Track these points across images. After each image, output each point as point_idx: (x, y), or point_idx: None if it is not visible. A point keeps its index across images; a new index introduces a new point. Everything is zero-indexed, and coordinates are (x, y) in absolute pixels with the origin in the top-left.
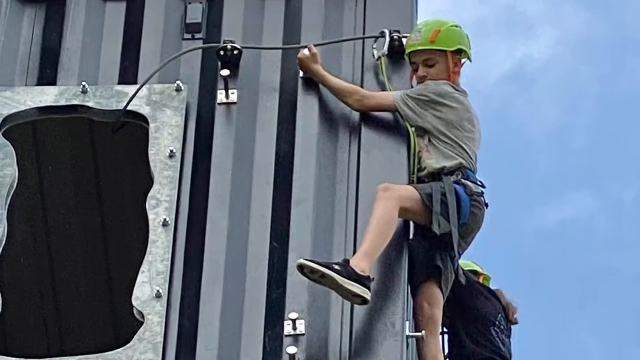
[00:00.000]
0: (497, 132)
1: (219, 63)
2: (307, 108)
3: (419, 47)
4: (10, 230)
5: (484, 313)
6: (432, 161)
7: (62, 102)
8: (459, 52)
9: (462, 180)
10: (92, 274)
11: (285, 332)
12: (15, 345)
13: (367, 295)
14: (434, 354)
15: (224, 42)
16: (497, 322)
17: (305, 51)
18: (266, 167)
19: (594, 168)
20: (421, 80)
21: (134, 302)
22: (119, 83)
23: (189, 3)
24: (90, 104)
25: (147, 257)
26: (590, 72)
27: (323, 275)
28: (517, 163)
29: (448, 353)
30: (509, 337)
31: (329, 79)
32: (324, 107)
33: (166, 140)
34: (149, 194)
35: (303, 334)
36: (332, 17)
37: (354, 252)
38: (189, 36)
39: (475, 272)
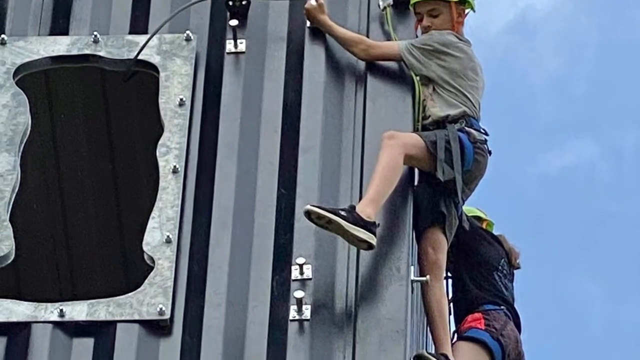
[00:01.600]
0: (500, 81)
1: (228, 13)
2: (314, 57)
3: None
4: (24, 177)
5: (487, 258)
6: (437, 109)
7: (75, 52)
8: (463, 3)
9: (465, 128)
10: (103, 219)
11: (293, 277)
12: (28, 290)
13: (373, 240)
14: (438, 298)
15: None
16: (500, 267)
17: (313, 2)
18: (274, 115)
19: (595, 116)
20: (426, 30)
21: (145, 248)
22: (130, 33)
23: None
24: (101, 54)
25: (158, 204)
26: (591, 22)
27: (330, 221)
28: (519, 111)
29: (452, 297)
30: (511, 281)
31: (336, 29)
32: (330, 56)
33: (176, 89)
34: (159, 142)
35: (310, 279)
36: None
37: (360, 198)
38: None
39: (478, 218)
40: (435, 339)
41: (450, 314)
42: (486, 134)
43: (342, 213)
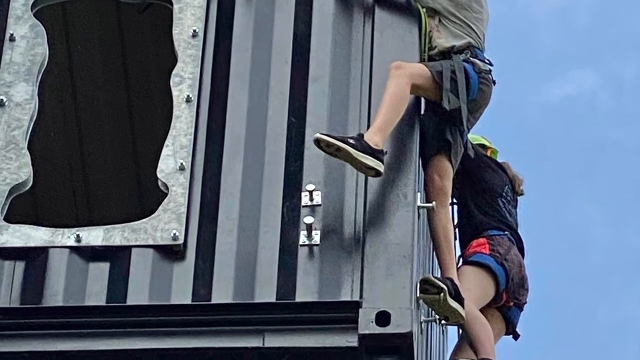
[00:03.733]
0: (503, 12)
1: None
2: None
3: None
4: (41, 106)
5: (491, 185)
6: (442, 40)
7: None
8: None
9: (470, 58)
10: (119, 147)
11: (303, 203)
12: (46, 216)
13: (381, 167)
14: (444, 224)
15: None
16: (504, 194)
17: None
18: (284, 46)
19: (596, 46)
20: None
21: (159, 175)
22: None
23: None
24: None
25: (171, 132)
26: None
27: (338, 148)
28: (523, 42)
29: (457, 223)
30: (515, 207)
31: None
32: None
33: (189, 21)
34: (173, 72)
35: (319, 205)
36: None
37: (368, 127)
38: None
39: (483, 146)
40: (441, 263)
41: (455, 239)
42: (490, 64)
43: (351, 141)
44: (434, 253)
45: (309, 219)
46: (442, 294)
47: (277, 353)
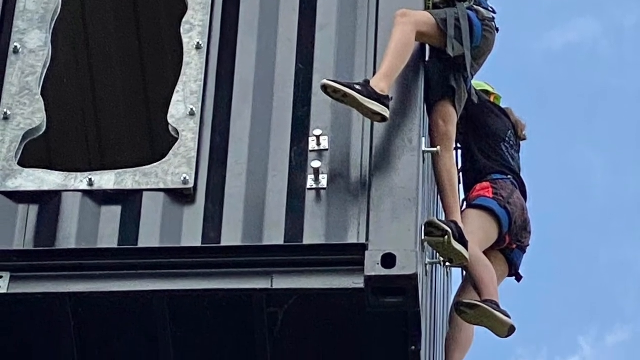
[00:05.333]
0: None
1: None
2: None
3: None
4: (55, 53)
5: (494, 130)
6: None
7: None
8: None
9: (474, 6)
10: (130, 93)
11: (310, 148)
12: (59, 160)
13: (386, 113)
14: (448, 168)
15: None
16: (506, 138)
17: None
18: None
19: None
20: None
21: (170, 120)
22: None
23: None
24: None
25: (182, 78)
26: None
27: (345, 94)
28: None
29: (461, 167)
30: (518, 152)
31: None
32: None
33: None
34: (184, 19)
35: (327, 150)
36: None
37: (374, 73)
38: None
39: (486, 92)
40: (445, 206)
41: (459, 183)
42: (494, 12)
43: (357, 87)
44: (439, 197)
45: (316, 163)
46: (446, 237)
47: (285, 294)
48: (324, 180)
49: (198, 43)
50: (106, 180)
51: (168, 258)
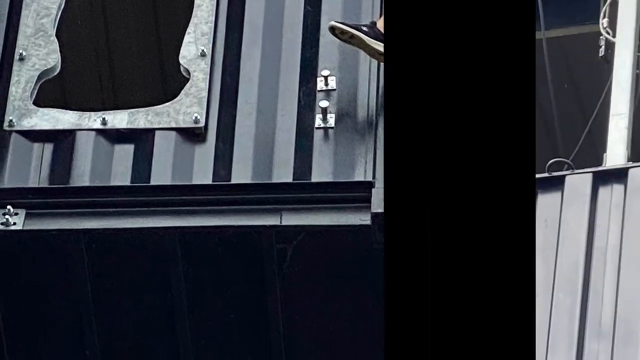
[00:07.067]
0: None
1: None
2: None
3: None
4: None
5: None
6: None
7: None
8: None
9: None
10: (143, 34)
11: (318, 88)
12: (73, 100)
13: None
14: None
15: None
16: None
17: None
18: None
19: None
20: None
21: (181, 61)
22: None
23: None
24: None
25: (193, 20)
26: None
27: (352, 36)
28: None
29: None
30: None
31: None
32: None
33: None
34: None
35: (334, 90)
36: None
37: (380, 15)
38: None
39: None
40: None
41: None
42: None
43: (364, 28)
44: None
45: (324, 103)
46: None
47: (293, 231)
48: (331, 120)
49: None
50: (119, 119)
51: (179, 195)
